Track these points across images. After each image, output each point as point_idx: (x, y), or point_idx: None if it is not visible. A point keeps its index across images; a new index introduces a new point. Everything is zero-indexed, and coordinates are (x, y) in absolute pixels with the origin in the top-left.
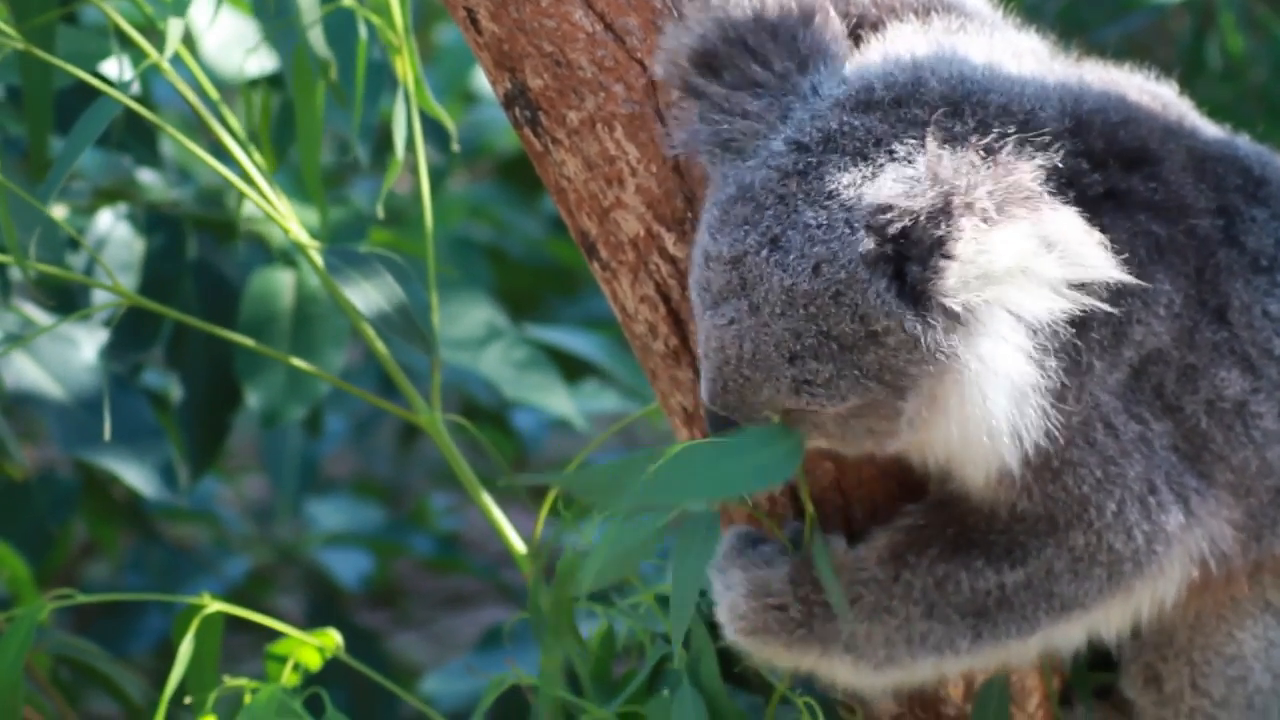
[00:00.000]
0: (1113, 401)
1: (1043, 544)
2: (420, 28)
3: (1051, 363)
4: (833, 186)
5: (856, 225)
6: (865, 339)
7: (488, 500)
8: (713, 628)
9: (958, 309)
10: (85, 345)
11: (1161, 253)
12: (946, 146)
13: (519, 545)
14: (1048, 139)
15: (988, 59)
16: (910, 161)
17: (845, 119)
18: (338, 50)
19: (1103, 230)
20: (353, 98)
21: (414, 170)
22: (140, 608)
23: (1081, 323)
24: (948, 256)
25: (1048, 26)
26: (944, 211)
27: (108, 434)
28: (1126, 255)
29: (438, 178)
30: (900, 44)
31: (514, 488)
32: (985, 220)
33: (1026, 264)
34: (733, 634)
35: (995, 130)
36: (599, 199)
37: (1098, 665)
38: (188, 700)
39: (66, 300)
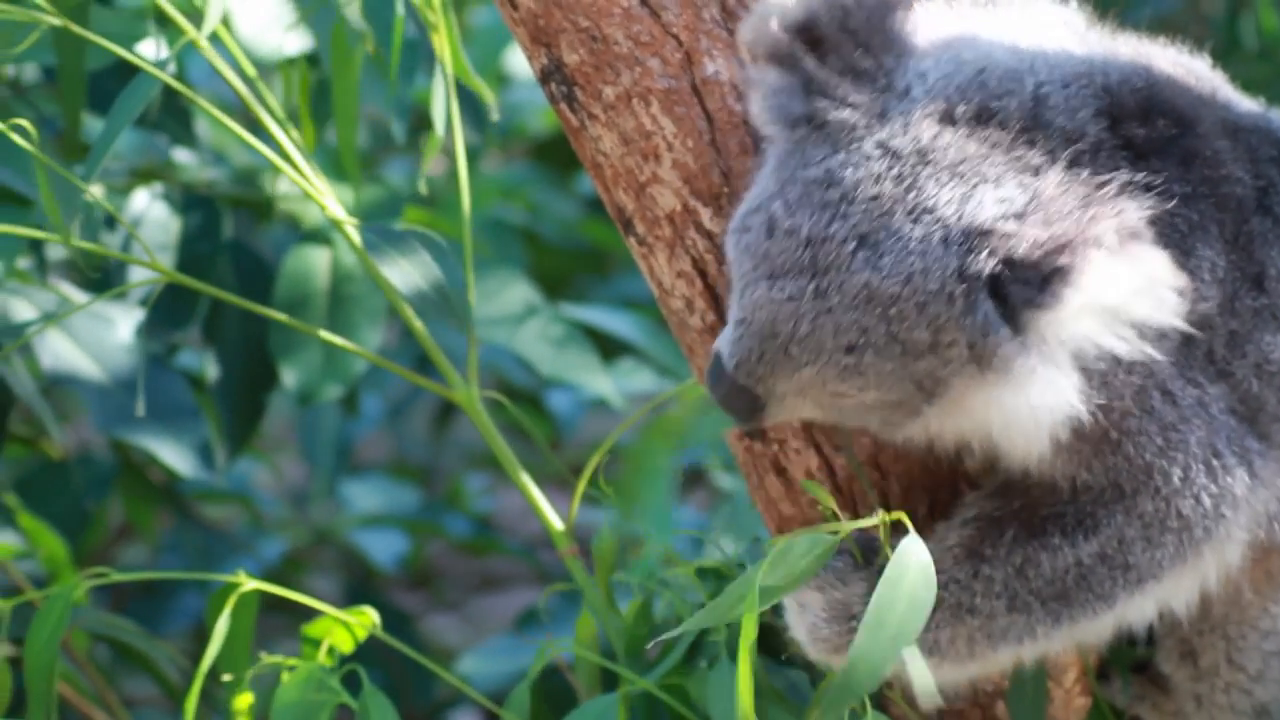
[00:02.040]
0: (1168, 368)
1: (1111, 512)
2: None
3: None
4: (930, 201)
5: (954, 242)
6: (929, 349)
7: (525, 479)
8: None
9: (1054, 335)
10: (122, 324)
11: (1203, 224)
12: (1038, 176)
13: (557, 523)
14: (1150, 178)
15: (1030, 54)
16: (1000, 184)
17: (935, 132)
18: (374, 28)
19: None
20: (389, 75)
21: (448, 152)
22: (176, 588)
23: (1153, 333)
24: (1070, 285)
25: (1081, 6)
26: (1064, 241)
27: (145, 412)
28: (1166, 236)
29: (471, 158)
30: (933, 29)
31: (553, 467)
32: (1110, 254)
33: (1128, 302)
34: (815, 654)
35: (1059, 156)
36: (635, 174)
37: (1133, 640)
38: (225, 678)
39: (102, 279)
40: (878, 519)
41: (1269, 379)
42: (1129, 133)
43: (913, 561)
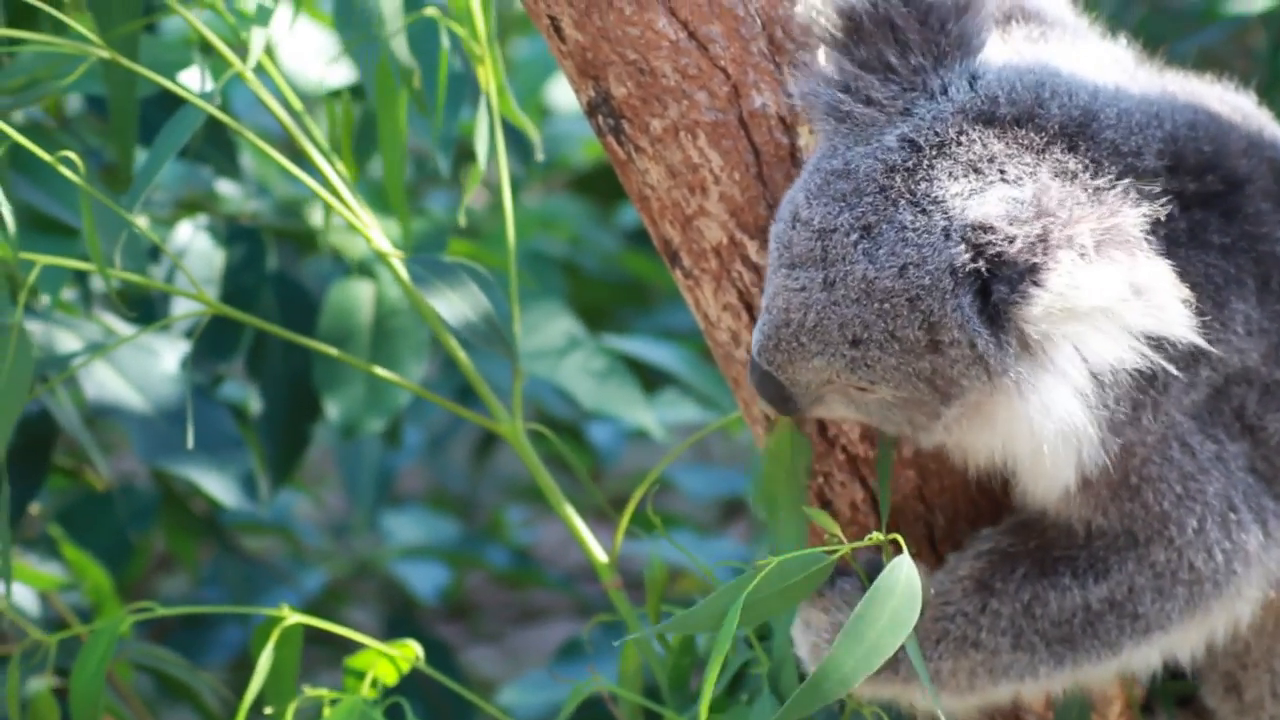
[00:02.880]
0: (1188, 422)
1: (1124, 559)
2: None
3: (1119, 389)
4: (938, 192)
5: (953, 236)
6: (927, 347)
7: (569, 510)
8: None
9: (1034, 337)
10: (166, 356)
11: (1239, 277)
12: (1058, 179)
13: (600, 555)
14: (1152, 187)
15: (1099, 82)
16: (1019, 184)
17: (965, 128)
18: (419, 60)
19: (1176, 265)
20: (434, 108)
21: (489, 184)
22: (217, 620)
23: (1157, 344)
24: (1039, 285)
25: (1126, 38)
26: (1043, 240)
27: (190, 444)
28: (1199, 287)
29: (514, 189)
30: (1009, 51)
31: (594, 499)
32: (1082, 256)
33: (1111, 307)
34: None
35: (1105, 168)
36: (682, 207)
37: (1177, 674)
38: (267, 711)
39: (147, 311)
40: (875, 539)
41: None
42: (1181, 185)
43: (901, 580)
